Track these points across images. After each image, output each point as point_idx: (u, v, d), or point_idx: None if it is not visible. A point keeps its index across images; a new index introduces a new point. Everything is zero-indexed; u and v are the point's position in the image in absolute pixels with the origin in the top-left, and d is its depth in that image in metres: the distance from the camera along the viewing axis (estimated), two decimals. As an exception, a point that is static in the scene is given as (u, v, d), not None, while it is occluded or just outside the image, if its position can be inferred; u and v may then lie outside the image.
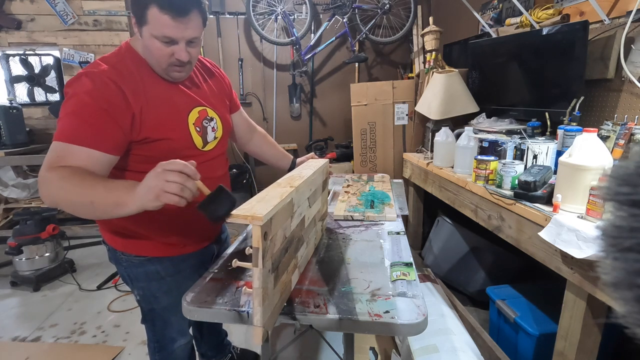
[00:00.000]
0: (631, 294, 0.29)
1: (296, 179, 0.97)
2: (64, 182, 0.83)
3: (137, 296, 1.18)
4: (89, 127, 0.89)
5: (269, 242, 0.74)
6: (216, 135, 1.13)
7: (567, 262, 1.13)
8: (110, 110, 0.90)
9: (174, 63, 0.97)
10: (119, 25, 3.55)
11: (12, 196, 3.56)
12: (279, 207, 0.78)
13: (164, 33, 0.91)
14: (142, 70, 0.99)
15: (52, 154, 0.88)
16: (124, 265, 1.13)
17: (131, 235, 1.07)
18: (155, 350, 1.27)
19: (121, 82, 0.93)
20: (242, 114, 1.39)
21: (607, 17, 1.60)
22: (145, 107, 0.96)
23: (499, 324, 1.72)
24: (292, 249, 0.93)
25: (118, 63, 0.96)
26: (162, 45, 0.93)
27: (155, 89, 0.99)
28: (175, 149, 1.02)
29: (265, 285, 0.73)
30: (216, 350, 1.70)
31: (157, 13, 0.88)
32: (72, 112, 0.89)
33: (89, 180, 0.84)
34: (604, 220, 0.32)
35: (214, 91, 1.18)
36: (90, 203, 0.82)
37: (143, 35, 0.94)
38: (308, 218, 1.07)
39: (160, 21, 0.89)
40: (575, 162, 1.16)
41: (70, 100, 0.90)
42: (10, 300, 2.45)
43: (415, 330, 0.82)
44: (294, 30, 3.43)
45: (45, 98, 3.63)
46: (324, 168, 1.26)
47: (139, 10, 0.91)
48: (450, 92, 2.26)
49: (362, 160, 2.95)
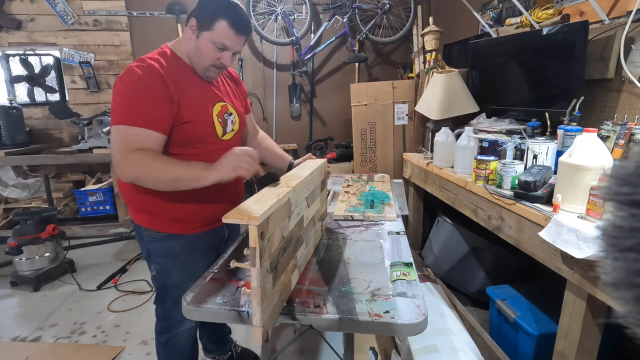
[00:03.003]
0: (631, 294, 0.29)
1: (293, 179, 0.98)
2: (149, 162, 1.03)
3: (153, 271, 1.31)
4: (146, 110, 1.05)
5: (266, 241, 0.74)
6: (234, 128, 1.30)
7: (567, 262, 1.13)
8: (161, 95, 1.07)
9: (216, 65, 1.17)
10: (119, 25, 3.56)
11: (12, 196, 3.56)
12: (276, 207, 0.79)
13: (224, 42, 1.12)
14: (180, 67, 1.16)
15: (119, 138, 1.05)
16: (145, 240, 1.26)
17: (155, 213, 1.22)
18: (162, 331, 1.38)
19: (165, 73, 1.09)
20: (251, 118, 1.57)
21: (607, 17, 1.60)
22: (181, 96, 1.12)
23: (499, 324, 1.72)
24: (291, 248, 0.93)
25: (160, 59, 1.13)
26: (215, 50, 1.13)
27: (189, 83, 1.17)
28: (201, 134, 1.18)
29: (263, 285, 0.73)
30: (217, 345, 1.74)
31: (226, 26, 1.10)
32: (128, 97, 1.06)
33: (171, 161, 1.07)
34: (604, 220, 0.32)
35: (235, 93, 1.38)
36: (176, 178, 1.04)
37: (201, 38, 1.12)
38: (307, 218, 1.07)
39: (225, 33, 1.11)
40: (575, 162, 1.16)
41: (125, 87, 1.07)
42: (10, 300, 2.45)
43: (415, 330, 0.82)
44: (294, 30, 3.43)
45: (45, 98, 3.63)
46: (322, 168, 1.27)
47: (207, 18, 1.10)
48: (450, 92, 2.26)
49: (362, 160, 2.95)
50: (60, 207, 3.49)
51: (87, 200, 3.42)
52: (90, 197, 3.41)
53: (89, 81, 3.59)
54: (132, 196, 1.22)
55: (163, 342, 1.38)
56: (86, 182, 3.67)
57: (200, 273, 1.06)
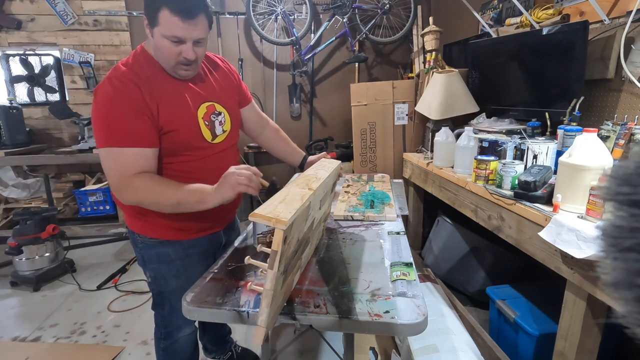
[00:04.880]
0: (631, 294, 0.29)
1: (313, 181, 0.94)
2: (150, 188, 1.02)
3: (148, 278, 1.27)
4: (127, 128, 1.00)
5: (286, 245, 0.73)
6: (224, 129, 1.22)
7: (567, 262, 1.13)
8: (138, 108, 1.02)
9: (182, 62, 1.06)
10: (119, 25, 3.56)
11: (12, 196, 3.56)
12: (300, 211, 0.77)
13: (174, 33, 1.00)
14: (154, 71, 1.08)
15: (111, 163, 1.02)
16: (139, 246, 1.23)
17: (149, 220, 1.18)
18: (161, 338, 1.35)
19: (139, 82, 1.03)
20: (254, 108, 1.45)
21: (607, 17, 1.60)
22: (160, 103, 1.06)
23: (499, 324, 1.72)
24: (300, 250, 0.93)
25: (134, 65, 1.06)
26: (171, 44, 1.02)
27: (167, 87, 1.09)
28: (187, 141, 1.12)
29: (275, 288, 0.72)
30: (217, 345, 1.73)
31: (168, 15, 0.98)
32: (106, 115, 1.01)
33: (172, 185, 1.04)
34: (604, 220, 0.32)
35: (222, 86, 1.25)
36: (177, 203, 1.01)
37: (154, 36, 1.03)
38: (316, 220, 1.06)
39: (170, 22, 0.99)
40: (575, 162, 1.16)
41: (100, 106, 1.01)
42: (10, 300, 2.45)
43: (415, 330, 0.82)
44: (294, 30, 3.43)
45: (45, 98, 3.63)
46: (337, 170, 1.24)
47: (151, 13, 1.00)
48: (450, 92, 2.26)
49: (362, 160, 2.95)
50: (60, 207, 3.49)
51: (87, 200, 3.42)
52: (90, 197, 3.41)
53: (89, 81, 3.59)
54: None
55: (163, 349, 1.37)
56: (86, 182, 3.67)
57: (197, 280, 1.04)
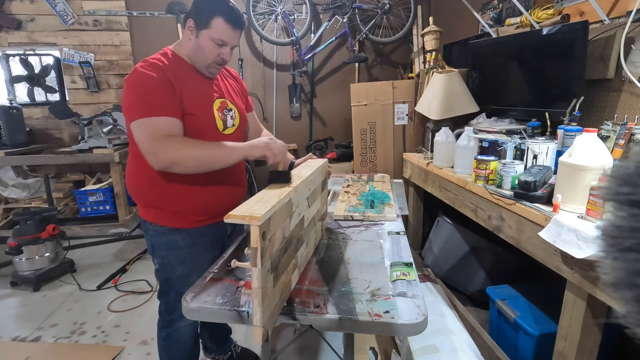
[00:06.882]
0: (631, 294, 0.29)
1: (295, 179, 0.98)
2: (183, 145, 1.11)
3: (156, 265, 1.35)
4: (159, 101, 1.12)
5: (267, 242, 0.74)
6: (234, 123, 1.35)
7: (567, 262, 1.13)
8: (168, 87, 1.15)
9: (218, 61, 1.24)
10: (119, 25, 3.56)
11: (12, 196, 3.56)
12: (277, 207, 0.79)
13: (222, 37, 1.19)
14: (181, 66, 1.23)
15: (144, 129, 1.11)
16: (150, 234, 1.31)
17: (160, 208, 1.27)
18: (163, 326, 1.42)
19: (165, 69, 1.17)
20: (254, 116, 1.60)
21: (607, 17, 1.60)
22: (183, 89, 1.19)
23: (499, 324, 1.72)
24: (292, 249, 0.93)
25: (161, 59, 1.19)
26: (215, 46, 1.21)
27: (191, 80, 1.23)
28: (202, 127, 1.23)
29: (264, 285, 0.73)
30: (217, 344, 1.75)
31: (222, 22, 1.17)
32: (139, 93, 1.13)
33: (202, 141, 1.15)
34: (604, 220, 0.32)
35: (235, 90, 1.44)
36: (210, 155, 1.13)
37: (200, 37, 1.20)
38: (307, 218, 1.07)
39: (222, 29, 1.18)
40: (575, 162, 1.16)
41: (132, 88, 1.14)
42: (10, 300, 2.45)
43: (415, 330, 0.82)
44: (294, 30, 3.43)
45: (45, 98, 3.63)
46: (323, 168, 1.27)
47: (203, 18, 1.17)
48: (450, 92, 2.26)
49: (362, 160, 2.95)
50: (60, 207, 3.49)
51: (87, 200, 3.42)
52: (90, 197, 3.41)
53: (89, 81, 3.59)
54: (142, 191, 1.28)
55: (163, 337, 1.43)
56: (86, 182, 3.67)
57: (204, 267, 1.10)
